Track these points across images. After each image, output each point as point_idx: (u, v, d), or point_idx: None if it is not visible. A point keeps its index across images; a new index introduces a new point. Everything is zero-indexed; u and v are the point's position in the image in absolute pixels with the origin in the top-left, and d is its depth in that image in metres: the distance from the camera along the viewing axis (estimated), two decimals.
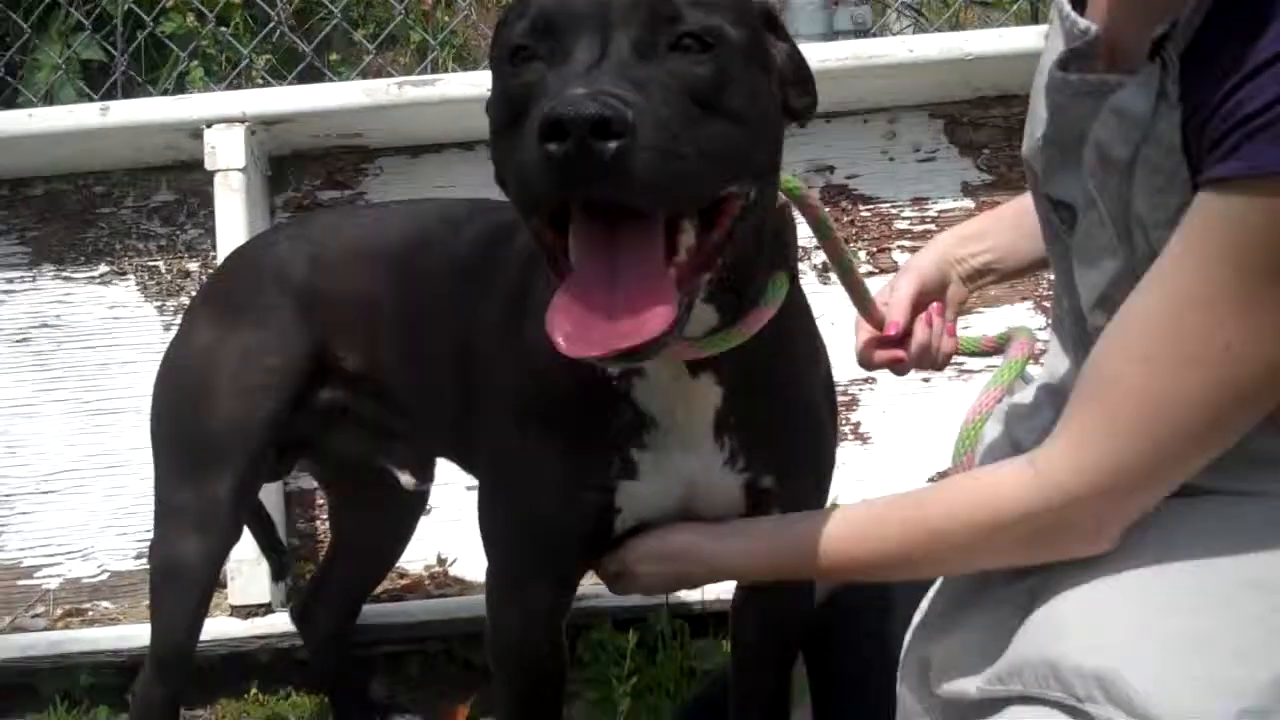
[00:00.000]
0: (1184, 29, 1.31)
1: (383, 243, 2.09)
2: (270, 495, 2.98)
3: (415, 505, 2.54)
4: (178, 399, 2.13)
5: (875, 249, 3.10)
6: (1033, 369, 1.90)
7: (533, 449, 1.69)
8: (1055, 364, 1.72)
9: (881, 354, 1.95)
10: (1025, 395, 1.77)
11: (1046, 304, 3.06)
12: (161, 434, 2.14)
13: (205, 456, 2.07)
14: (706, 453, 1.64)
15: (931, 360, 1.96)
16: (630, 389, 1.60)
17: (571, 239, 1.35)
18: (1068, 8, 1.51)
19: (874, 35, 3.58)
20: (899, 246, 3.10)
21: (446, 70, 4.04)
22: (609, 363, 1.34)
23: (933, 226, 3.10)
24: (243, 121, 3.01)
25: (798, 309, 1.69)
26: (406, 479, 2.21)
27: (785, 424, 1.69)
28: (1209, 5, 1.29)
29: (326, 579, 2.61)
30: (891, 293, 1.95)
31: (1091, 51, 1.46)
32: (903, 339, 1.93)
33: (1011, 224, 1.96)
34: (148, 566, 2.98)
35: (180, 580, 2.10)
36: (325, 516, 3.11)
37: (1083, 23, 1.47)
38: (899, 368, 1.96)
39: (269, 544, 2.48)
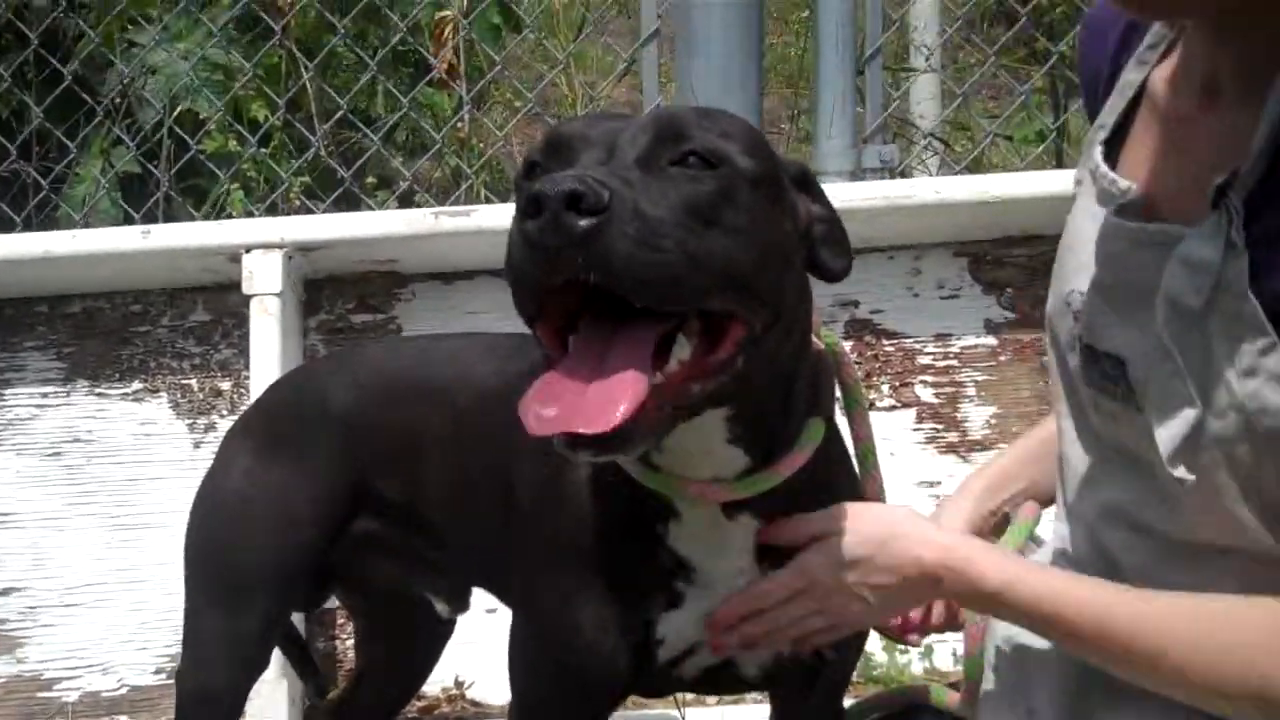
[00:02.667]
0: (1246, 178, 1.33)
1: (426, 374, 2.09)
2: (292, 615, 3.00)
3: (444, 632, 2.53)
4: (213, 527, 2.14)
5: (898, 383, 3.12)
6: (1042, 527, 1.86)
7: (569, 588, 1.67)
8: (1061, 528, 1.70)
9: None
10: (1038, 559, 1.74)
11: None
12: (195, 560, 2.14)
13: (238, 586, 2.08)
14: (750, 583, 1.63)
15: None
16: (666, 534, 1.61)
17: (571, 340, 1.38)
18: (1104, 167, 1.53)
19: (901, 171, 3.64)
20: (921, 381, 3.13)
21: (480, 195, 4.12)
22: (577, 454, 1.31)
23: (955, 362, 3.13)
24: (281, 247, 3.07)
25: (835, 453, 1.70)
26: (441, 607, 2.22)
27: None
28: (1270, 152, 1.32)
29: (352, 703, 2.60)
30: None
31: (1135, 206, 1.48)
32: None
33: (1033, 461, 1.89)
34: (168, 682, 3.05)
35: (207, 709, 2.11)
36: (345, 636, 3.12)
37: (1123, 183, 1.49)
38: (910, 639, 1.89)
39: (302, 667, 2.48)
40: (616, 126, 1.41)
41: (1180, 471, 1.41)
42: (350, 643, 3.13)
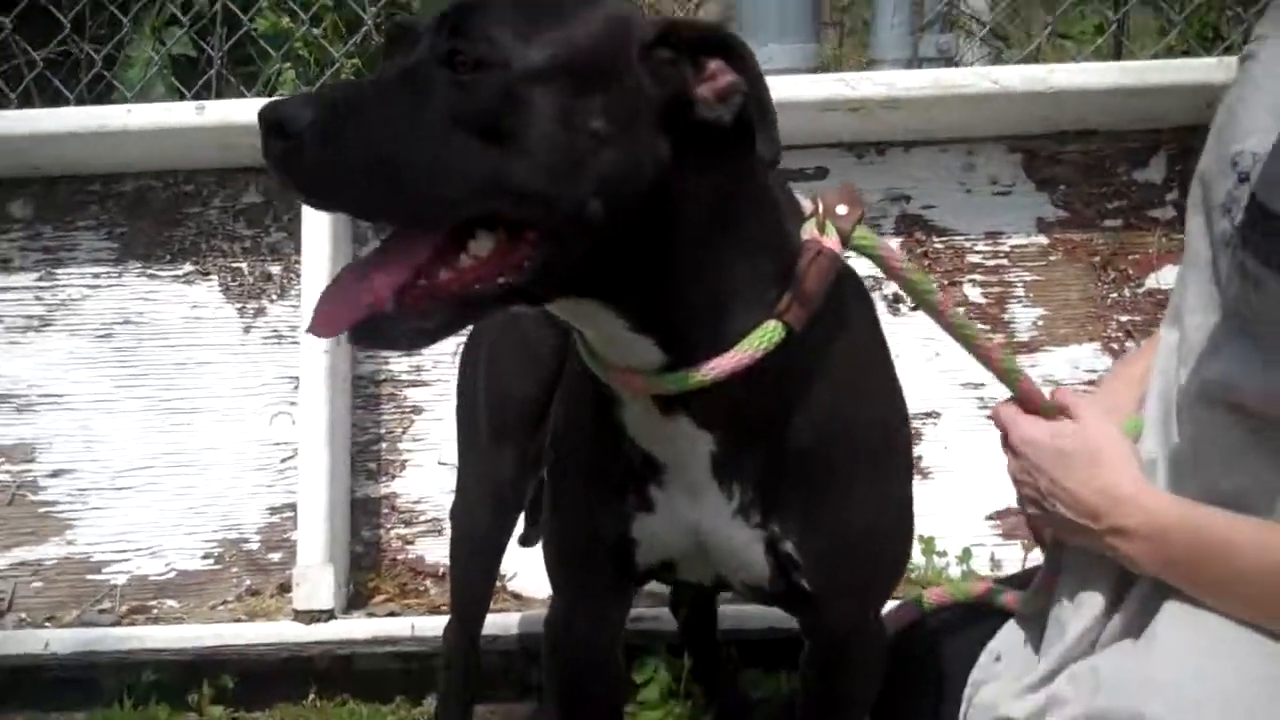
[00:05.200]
0: None
1: None
2: (339, 504, 3.05)
3: None
4: (466, 380, 2.28)
5: (947, 281, 3.08)
6: None
7: (562, 480, 1.75)
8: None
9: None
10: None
11: (1114, 345, 3.04)
12: (458, 412, 2.31)
13: (491, 432, 2.19)
14: (711, 500, 1.60)
15: None
16: (623, 423, 1.59)
17: None
18: None
19: (957, 63, 3.56)
20: (970, 280, 3.09)
21: None
22: (352, 342, 1.36)
23: (1005, 261, 3.09)
24: None
25: (819, 356, 1.57)
26: None
27: (806, 481, 1.60)
28: None
29: None
30: None
31: None
32: None
33: None
34: (215, 567, 3.12)
35: (470, 545, 2.33)
36: (389, 525, 3.16)
37: None
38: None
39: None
40: (444, 13, 1.37)
41: None
42: (393, 532, 3.17)
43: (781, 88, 2.85)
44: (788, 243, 1.53)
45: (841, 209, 1.57)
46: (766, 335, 1.48)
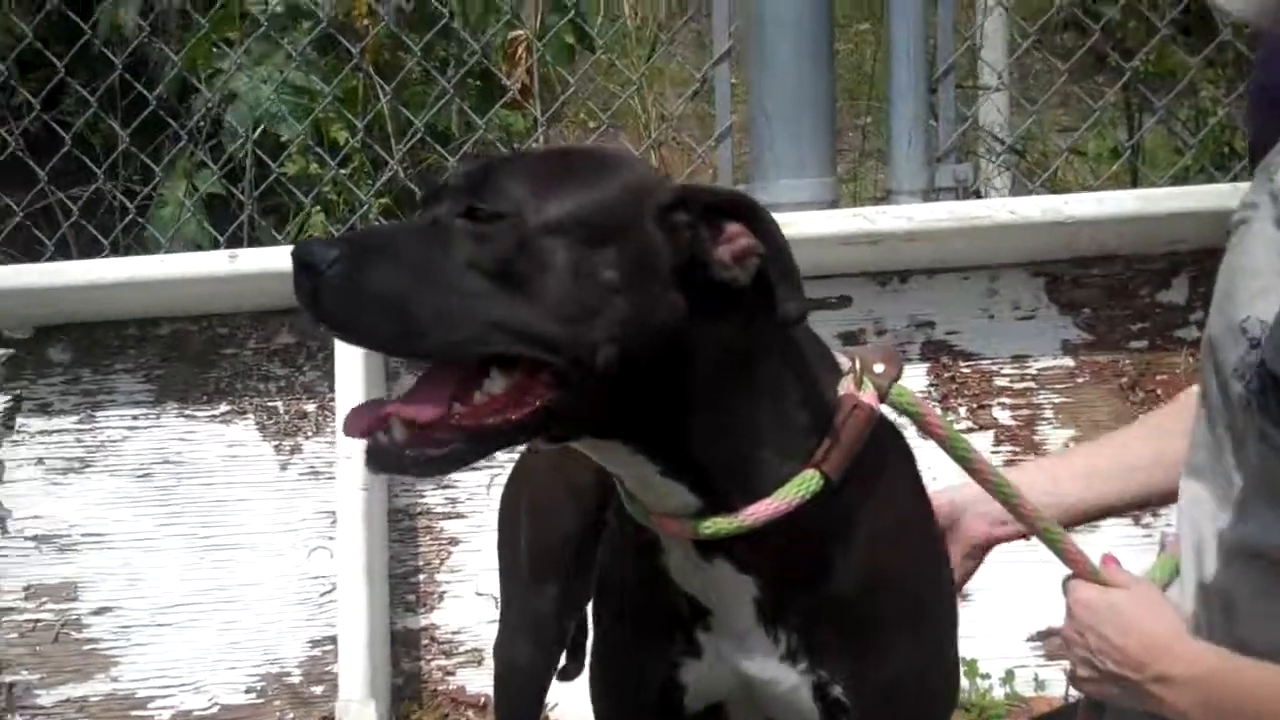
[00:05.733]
0: None
1: None
2: (379, 636, 3.07)
3: None
4: (509, 519, 2.31)
5: (975, 405, 3.14)
6: None
7: (608, 623, 1.77)
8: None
9: None
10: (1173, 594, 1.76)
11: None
12: (500, 549, 2.34)
13: (532, 569, 2.23)
14: (758, 645, 1.61)
15: None
16: (666, 568, 1.61)
17: None
18: None
19: (975, 191, 3.64)
20: (999, 404, 3.14)
21: None
22: (369, 462, 1.43)
23: (1032, 384, 3.15)
24: None
25: (858, 505, 1.59)
26: None
27: (852, 626, 1.61)
28: None
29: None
30: None
31: None
32: None
33: (1128, 471, 1.92)
34: (258, 700, 3.14)
35: (513, 678, 2.32)
36: (429, 657, 3.19)
37: None
38: None
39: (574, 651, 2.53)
40: (468, 172, 1.46)
41: None
42: (434, 663, 3.19)
43: (801, 223, 2.95)
44: (820, 394, 1.58)
45: (879, 367, 1.62)
46: (804, 484, 1.53)
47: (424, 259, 1.38)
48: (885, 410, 1.63)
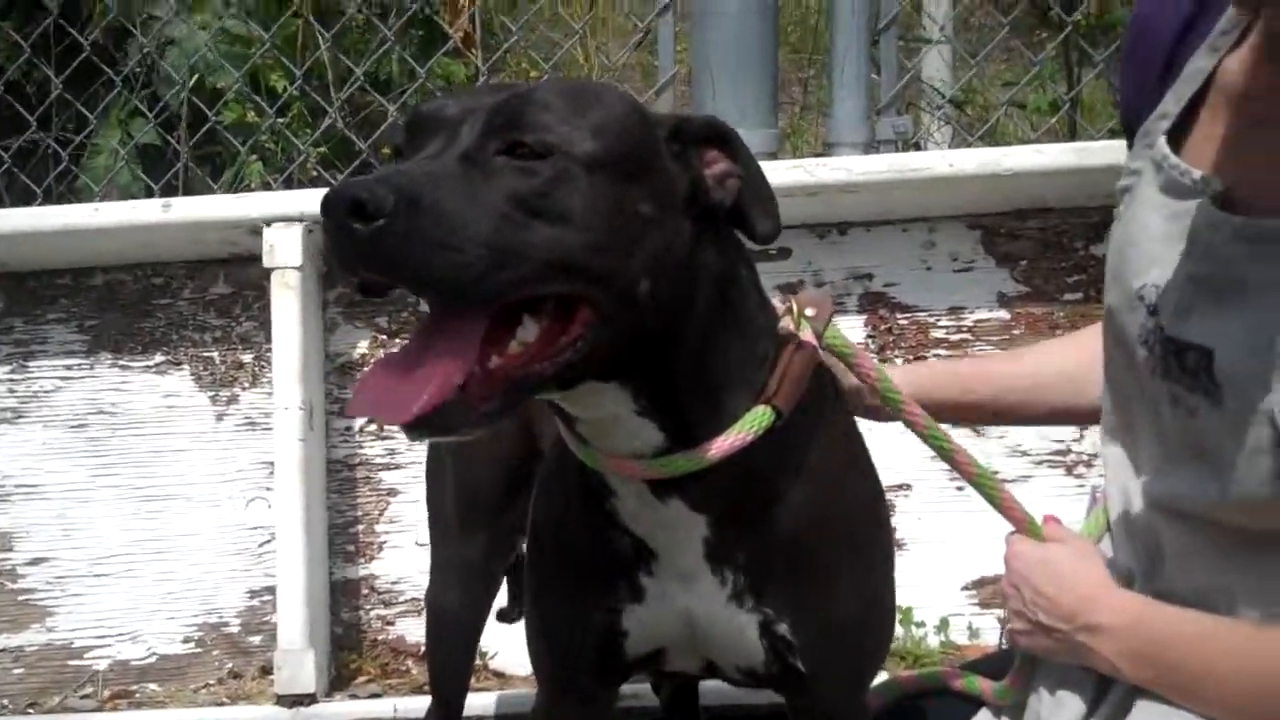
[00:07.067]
0: None
1: None
2: (318, 586, 3.07)
3: None
4: (435, 473, 2.34)
5: (912, 357, 3.15)
6: None
7: (545, 572, 1.76)
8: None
9: None
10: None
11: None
12: (428, 501, 2.37)
13: (460, 519, 2.28)
14: (705, 585, 1.62)
15: None
16: (616, 511, 1.62)
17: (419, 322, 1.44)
18: (1174, 157, 1.54)
19: (915, 143, 3.65)
20: (935, 355, 3.16)
21: None
22: (411, 433, 1.36)
23: (969, 335, 3.16)
24: (300, 220, 3.09)
25: (801, 442, 1.62)
26: None
27: (797, 564, 1.63)
28: None
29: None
30: None
31: (1216, 197, 1.49)
32: None
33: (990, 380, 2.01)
34: (196, 650, 3.13)
35: (445, 627, 2.37)
36: (369, 606, 3.19)
37: (1196, 172, 1.51)
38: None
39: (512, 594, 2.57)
40: (470, 107, 1.41)
41: (1265, 462, 1.44)
42: (373, 613, 3.19)
43: None
44: (772, 330, 1.60)
45: (810, 311, 1.62)
46: (758, 419, 1.54)
47: (474, 200, 1.33)
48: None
